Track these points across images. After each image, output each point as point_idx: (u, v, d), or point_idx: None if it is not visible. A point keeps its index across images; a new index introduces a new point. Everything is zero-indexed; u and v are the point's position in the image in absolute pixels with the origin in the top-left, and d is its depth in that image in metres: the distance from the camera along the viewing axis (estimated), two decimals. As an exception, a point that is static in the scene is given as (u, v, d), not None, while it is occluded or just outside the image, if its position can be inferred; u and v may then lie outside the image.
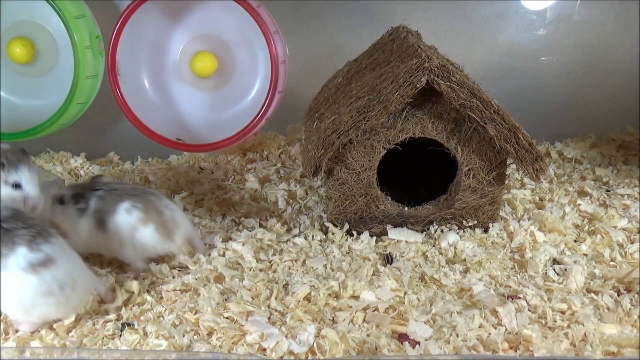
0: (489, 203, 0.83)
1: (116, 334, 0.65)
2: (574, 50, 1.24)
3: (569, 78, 1.26)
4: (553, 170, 1.07)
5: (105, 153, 1.23)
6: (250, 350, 0.62)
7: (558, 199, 0.94)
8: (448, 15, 1.22)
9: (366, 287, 0.71)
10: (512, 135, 0.76)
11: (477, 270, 0.75)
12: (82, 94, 1.05)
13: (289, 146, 1.21)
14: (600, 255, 0.79)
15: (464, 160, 0.80)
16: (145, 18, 1.04)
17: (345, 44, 1.23)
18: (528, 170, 0.78)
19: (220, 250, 0.82)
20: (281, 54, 1.02)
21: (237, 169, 1.14)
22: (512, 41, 1.24)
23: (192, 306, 0.69)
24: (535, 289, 0.71)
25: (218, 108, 1.12)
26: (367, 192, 0.82)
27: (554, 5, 1.21)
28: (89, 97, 1.09)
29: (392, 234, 0.84)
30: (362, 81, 0.86)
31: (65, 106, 1.04)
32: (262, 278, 0.75)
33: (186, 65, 1.09)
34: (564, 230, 0.84)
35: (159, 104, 1.12)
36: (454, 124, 0.79)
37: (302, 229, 0.89)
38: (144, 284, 0.74)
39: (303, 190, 1.00)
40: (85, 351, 0.61)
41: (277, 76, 1.01)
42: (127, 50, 1.05)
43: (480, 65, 1.25)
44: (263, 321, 0.66)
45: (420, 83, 0.74)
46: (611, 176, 1.04)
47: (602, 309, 0.68)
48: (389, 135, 0.79)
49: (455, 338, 0.63)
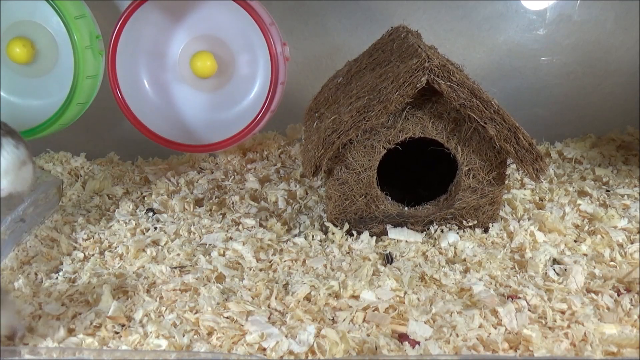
0: (489, 203, 0.83)
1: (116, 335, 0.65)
2: (574, 50, 1.24)
3: (569, 78, 1.27)
4: (553, 170, 1.07)
5: (105, 153, 1.22)
6: (250, 350, 0.62)
7: (558, 199, 0.94)
8: (448, 15, 1.22)
9: (366, 287, 0.71)
10: (512, 135, 0.76)
11: (477, 270, 0.75)
12: (82, 94, 1.05)
13: (289, 146, 1.21)
14: (600, 255, 0.79)
15: (464, 160, 0.80)
16: (145, 18, 1.04)
17: (345, 44, 1.23)
18: (528, 170, 0.78)
19: (220, 250, 0.82)
20: (279, 46, 1.02)
21: (237, 169, 1.14)
22: (512, 41, 1.24)
23: (192, 306, 0.69)
24: (535, 289, 0.71)
25: (218, 108, 1.12)
26: (367, 192, 0.82)
27: (554, 5, 1.21)
28: (89, 97, 1.09)
29: (392, 233, 0.84)
30: (362, 81, 0.86)
31: (65, 106, 1.04)
32: (262, 278, 0.75)
33: (186, 66, 1.09)
34: (564, 230, 0.84)
35: (159, 104, 1.12)
36: (454, 124, 0.79)
37: (302, 228, 0.89)
38: (144, 283, 0.74)
39: (303, 190, 1.00)
40: (86, 351, 0.61)
41: (278, 68, 1.01)
42: (127, 50, 1.05)
43: (480, 65, 1.25)
44: (263, 321, 0.66)
45: (420, 83, 0.74)
46: (611, 176, 1.04)
47: (602, 309, 0.68)
48: (389, 135, 0.79)
49: (455, 338, 0.63)
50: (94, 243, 0.86)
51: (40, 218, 0.90)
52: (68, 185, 1.06)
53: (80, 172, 1.13)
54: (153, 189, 1.04)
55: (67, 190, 1.03)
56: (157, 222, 0.91)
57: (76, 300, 0.72)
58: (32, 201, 0.89)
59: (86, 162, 1.17)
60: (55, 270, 0.79)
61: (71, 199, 1.01)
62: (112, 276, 0.76)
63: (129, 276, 0.77)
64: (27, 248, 0.84)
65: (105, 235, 0.88)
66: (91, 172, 1.13)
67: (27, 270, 0.78)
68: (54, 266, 0.80)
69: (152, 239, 0.86)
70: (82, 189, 1.05)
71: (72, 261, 0.81)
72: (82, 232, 0.89)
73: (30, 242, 0.85)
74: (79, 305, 0.71)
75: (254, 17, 0.99)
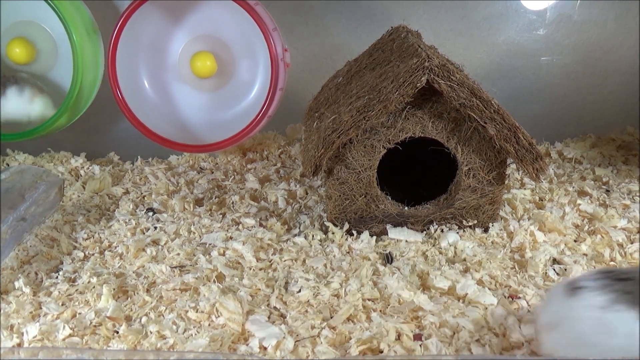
0: (489, 203, 0.83)
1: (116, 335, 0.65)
2: (574, 50, 1.24)
3: (569, 78, 1.27)
4: (553, 170, 1.07)
5: (105, 153, 1.23)
6: (251, 349, 0.62)
7: (558, 199, 0.94)
8: (448, 15, 1.22)
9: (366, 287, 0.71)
10: (512, 134, 0.76)
11: (477, 270, 0.75)
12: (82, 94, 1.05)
13: (289, 146, 1.21)
14: (600, 255, 0.79)
15: (464, 159, 0.80)
16: (145, 18, 1.04)
17: (345, 44, 1.23)
18: (528, 169, 0.78)
19: (221, 250, 0.82)
20: (280, 52, 1.02)
21: (237, 169, 1.14)
22: (512, 41, 1.24)
23: (192, 305, 0.69)
24: (535, 289, 0.71)
25: (218, 108, 1.12)
26: (367, 191, 0.82)
27: (554, 5, 1.21)
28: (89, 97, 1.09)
29: (392, 233, 0.84)
30: (362, 81, 0.86)
31: (65, 106, 1.04)
32: (262, 277, 0.75)
33: (186, 66, 1.09)
34: (564, 230, 0.84)
35: (159, 104, 1.12)
36: (454, 124, 0.79)
37: (302, 228, 0.89)
38: (144, 283, 0.74)
39: (303, 189, 1.01)
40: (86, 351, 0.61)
41: (277, 73, 1.01)
42: (127, 50, 1.05)
43: (480, 65, 1.25)
44: (263, 320, 0.66)
45: (420, 82, 0.74)
46: (611, 176, 1.04)
47: (602, 308, 0.68)
48: (389, 135, 0.79)
49: (455, 338, 0.63)
50: (94, 243, 0.86)
51: (41, 217, 0.90)
52: (68, 185, 1.06)
53: (80, 172, 1.13)
54: (153, 189, 1.04)
55: (68, 190, 1.03)
56: (157, 222, 0.91)
57: (76, 300, 0.72)
58: (34, 200, 0.89)
59: (86, 162, 1.17)
60: (55, 270, 0.79)
61: (71, 198, 1.01)
62: (112, 276, 0.76)
63: (129, 276, 0.77)
64: (28, 247, 0.84)
65: (105, 235, 0.88)
66: (91, 172, 1.13)
67: (27, 270, 0.78)
68: (54, 266, 0.80)
69: (152, 239, 0.86)
70: (82, 188, 1.05)
71: (72, 261, 0.81)
72: (82, 232, 0.89)
73: (30, 242, 0.85)
74: (79, 305, 0.71)
75: (257, 21, 0.99)
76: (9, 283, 0.75)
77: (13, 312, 0.69)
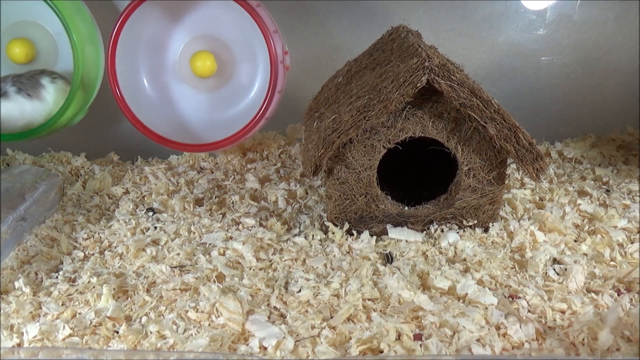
0: (489, 202, 0.83)
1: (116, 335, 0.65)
2: (574, 50, 1.24)
3: (569, 78, 1.27)
4: (553, 170, 1.07)
5: (105, 153, 1.23)
6: (251, 349, 0.62)
7: (558, 199, 0.94)
8: (448, 15, 1.22)
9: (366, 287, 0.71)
10: (512, 134, 0.76)
11: (477, 270, 0.75)
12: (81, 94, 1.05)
13: (289, 146, 1.21)
14: (600, 255, 0.79)
15: (464, 159, 0.80)
16: (144, 18, 1.04)
17: (345, 44, 1.23)
18: (528, 169, 0.78)
19: (221, 250, 0.82)
20: (280, 54, 1.02)
21: (237, 168, 1.14)
22: (512, 41, 1.24)
23: (192, 305, 0.69)
24: (535, 289, 0.71)
25: (218, 108, 1.12)
26: (367, 191, 0.82)
27: (554, 5, 1.21)
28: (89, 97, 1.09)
29: (392, 233, 0.84)
30: (362, 80, 0.86)
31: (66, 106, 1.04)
32: (262, 277, 0.75)
33: (186, 65, 1.09)
34: (564, 230, 0.84)
35: (158, 104, 1.12)
36: (454, 124, 0.79)
37: (302, 228, 0.89)
38: (144, 283, 0.74)
39: (303, 189, 1.00)
40: (86, 351, 0.61)
41: (277, 76, 1.01)
42: (127, 50, 1.05)
43: (480, 65, 1.25)
44: (263, 320, 0.66)
45: (420, 82, 0.74)
46: (611, 176, 1.04)
47: (602, 308, 0.68)
48: (389, 135, 0.79)
49: (455, 338, 0.63)
50: (94, 242, 0.86)
51: (41, 217, 0.90)
52: (68, 184, 1.06)
53: (80, 172, 1.13)
54: (153, 189, 1.04)
55: (68, 189, 1.03)
56: (157, 222, 0.91)
57: (76, 300, 0.72)
58: (34, 200, 0.89)
59: (86, 162, 1.17)
60: (55, 270, 0.79)
61: (71, 198, 1.01)
62: (112, 276, 0.76)
63: (129, 276, 0.77)
64: (28, 247, 0.84)
65: (105, 235, 0.88)
66: (91, 172, 1.13)
67: (27, 270, 0.78)
68: (54, 265, 0.80)
69: (152, 239, 0.86)
70: (82, 188, 1.05)
71: (72, 260, 0.81)
72: (82, 232, 0.89)
73: (30, 242, 0.85)
74: (79, 305, 0.71)
75: (258, 22, 0.99)
76: (9, 283, 0.75)
77: (13, 312, 0.69)
